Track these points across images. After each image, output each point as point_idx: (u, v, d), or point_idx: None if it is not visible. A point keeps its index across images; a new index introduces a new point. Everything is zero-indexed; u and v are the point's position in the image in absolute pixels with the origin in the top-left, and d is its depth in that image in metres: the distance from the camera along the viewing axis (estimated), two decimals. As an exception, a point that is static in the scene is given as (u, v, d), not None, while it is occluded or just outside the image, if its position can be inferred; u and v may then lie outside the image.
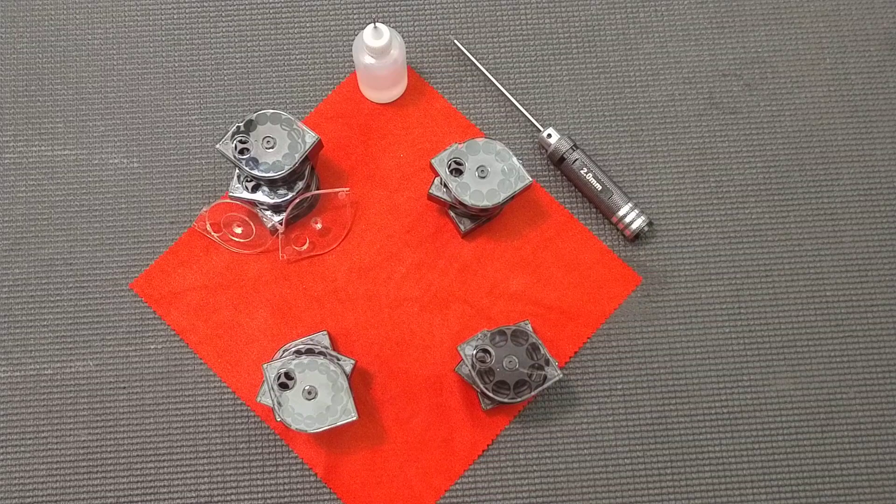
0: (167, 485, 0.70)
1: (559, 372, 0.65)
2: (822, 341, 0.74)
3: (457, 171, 0.68)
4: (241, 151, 0.66)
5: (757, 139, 0.78)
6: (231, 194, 0.71)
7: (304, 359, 0.64)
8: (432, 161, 0.69)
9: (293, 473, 0.71)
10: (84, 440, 0.71)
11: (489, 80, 0.77)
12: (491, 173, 0.68)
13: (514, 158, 0.68)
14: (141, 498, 0.70)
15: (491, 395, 0.65)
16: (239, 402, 0.72)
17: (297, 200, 0.71)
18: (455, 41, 0.78)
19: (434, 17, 0.79)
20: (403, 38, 0.75)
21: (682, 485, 0.71)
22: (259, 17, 0.79)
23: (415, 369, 0.72)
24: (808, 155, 0.77)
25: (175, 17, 0.79)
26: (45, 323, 0.73)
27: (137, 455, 0.71)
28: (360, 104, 0.77)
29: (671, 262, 0.75)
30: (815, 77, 0.79)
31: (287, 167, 0.67)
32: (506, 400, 0.65)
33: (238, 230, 0.73)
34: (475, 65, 0.77)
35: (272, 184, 0.70)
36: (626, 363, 0.73)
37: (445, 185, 0.69)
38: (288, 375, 0.64)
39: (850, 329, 0.74)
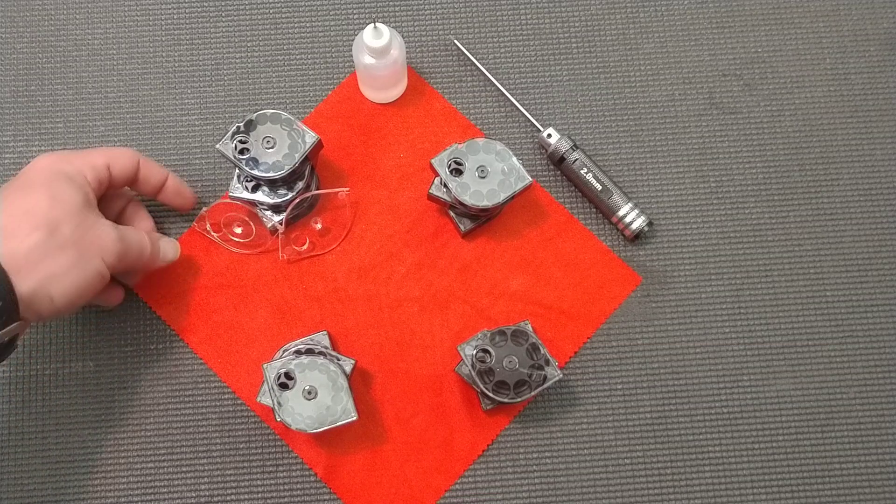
0: (167, 485, 0.71)
1: (559, 372, 0.65)
2: (822, 341, 0.74)
3: (457, 171, 0.68)
4: (241, 151, 0.66)
5: (757, 139, 0.78)
6: (231, 194, 0.71)
7: (304, 359, 0.64)
8: (432, 161, 0.69)
9: (293, 473, 0.71)
10: (84, 440, 0.71)
11: (489, 80, 0.77)
12: (491, 173, 0.68)
13: (514, 158, 0.68)
14: (141, 498, 0.70)
15: (491, 395, 0.65)
16: (239, 402, 0.72)
17: (297, 200, 0.71)
18: (455, 41, 0.78)
19: (434, 17, 0.79)
20: (403, 38, 0.75)
21: (682, 485, 0.71)
22: (259, 17, 0.79)
23: (415, 369, 0.72)
24: (808, 155, 0.78)
25: (175, 17, 0.79)
26: (45, 323, 0.73)
27: (137, 455, 0.71)
28: (360, 104, 0.77)
29: (671, 262, 0.75)
30: (815, 77, 0.79)
31: (287, 167, 0.67)
32: (506, 400, 0.65)
33: (238, 230, 0.73)
34: (475, 65, 0.77)
35: (272, 184, 0.70)
36: (626, 363, 0.73)
37: (445, 185, 0.69)
38: (288, 375, 0.64)
39: (850, 329, 0.74)
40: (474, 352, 0.65)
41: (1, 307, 0.54)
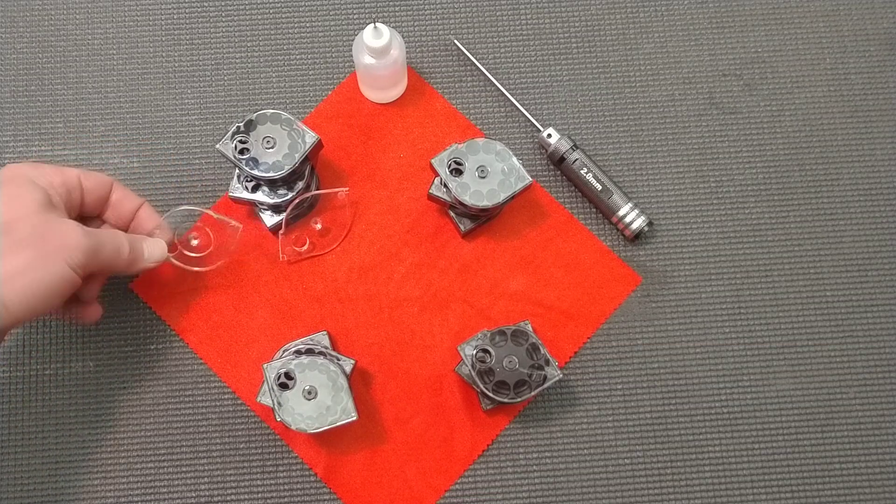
0: (167, 485, 0.71)
1: (559, 372, 0.65)
2: (822, 341, 0.74)
3: (457, 171, 0.68)
4: (241, 151, 0.66)
5: (757, 139, 0.78)
6: (231, 194, 0.71)
7: (304, 359, 0.64)
8: (432, 161, 0.69)
9: (293, 473, 0.71)
10: (84, 440, 0.71)
11: (489, 80, 0.77)
12: (491, 173, 0.68)
13: (514, 158, 0.68)
14: (141, 498, 0.70)
15: (491, 395, 0.65)
16: (239, 402, 0.72)
17: (297, 200, 0.71)
18: (455, 41, 0.78)
19: (434, 17, 0.79)
20: (403, 38, 0.75)
21: (682, 485, 0.71)
22: (259, 17, 0.79)
23: (415, 369, 0.72)
24: (808, 155, 0.78)
25: (175, 17, 0.79)
26: (45, 323, 0.73)
27: (137, 455, 0.71)
28: (360, 104, 0.77)
29: (671, 262, 0.75)
30: (815, 77, 0.79)
31: (287, 167, 0.67)
32: (506, 400, 0.65)
33: (194, 242, 0.71)
34: (475, 65, 0.77)
35: (272, 184, 0.70)
36: (626, 363, 0.73)
37: (445, 185, 0.69)
38: (288, 375, 0.64)
39: (850, 329, 0.74)
40: (474, 352, 0.65)
41: None
